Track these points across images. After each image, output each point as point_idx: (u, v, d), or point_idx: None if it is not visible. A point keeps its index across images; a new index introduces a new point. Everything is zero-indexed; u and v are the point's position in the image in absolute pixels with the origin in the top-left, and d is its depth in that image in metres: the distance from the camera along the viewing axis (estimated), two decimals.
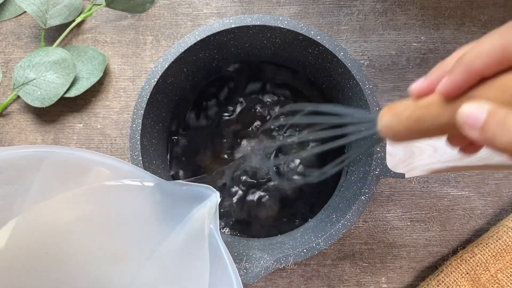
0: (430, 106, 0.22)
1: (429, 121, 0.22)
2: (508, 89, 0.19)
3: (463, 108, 0.20)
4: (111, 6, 0.45)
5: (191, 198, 0.34)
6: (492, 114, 0.18)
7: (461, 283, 0.42)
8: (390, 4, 0.47)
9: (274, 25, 0.38)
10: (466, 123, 0.19)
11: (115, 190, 0.34)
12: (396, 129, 0.24)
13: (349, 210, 0.37)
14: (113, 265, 0.34)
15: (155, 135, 0.42)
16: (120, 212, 0.34)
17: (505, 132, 0.18)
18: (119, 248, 0.34)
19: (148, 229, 0.34)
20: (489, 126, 0.18)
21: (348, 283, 0.45)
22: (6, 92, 0.46)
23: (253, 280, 0.35)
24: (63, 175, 0.33)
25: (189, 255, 0.33)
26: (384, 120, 0.25)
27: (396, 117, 0.24)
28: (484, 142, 0.19)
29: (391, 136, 0.25)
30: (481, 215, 0.45)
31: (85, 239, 0.34)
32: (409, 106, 0.24)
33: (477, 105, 0.19)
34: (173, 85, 0.42)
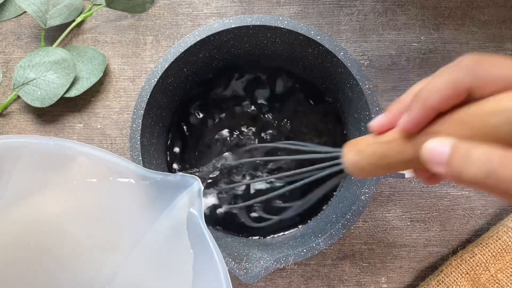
0: (393, 142, 0.23)
1: (393, 157, 0.23)
2: (465, 123, 0.19)
3: (427, 145, 0.20)
4: (111, 6, 0.45)
5: (175, 187, 0.34)
6: (455, 149, 0.19)
7: (461, 283, 0.42)
8: (390, 4, 0.47)
9: (274, 25, 0.38)
10: (432, 160, 0.20)
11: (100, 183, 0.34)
12: (361, 166, 0.25)
13: (349, 210, 0.37)
14: (99, 255, 0.34)
15: (155, 135, 0.42)
16: (105, 202, 0.35)
17: (471, 165, 0.18)
18: (105, 237, 0.34)
19: (133, 218, 0.35)
20: (454, 160, 0.19)
21: (348, 283, 0.45)
22: (6, 92, 0.46)
23: (253, 280, 0.35)
24: (44, 165, 0.33)
25: (173, 243, 0.33)
26: (349, 157, 0.26)
27: (360, 154, 0.25)
28: (451, 176, 0.19)
29: (358, 173, 0.26)
30: (481, 215, 0.45)
31: (70, 229, 0.34)
32: (371, 143, 0.24)
33: (439, 141, 0.20)
34: (173, 85, 0.42)
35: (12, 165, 0.31)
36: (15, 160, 0.31)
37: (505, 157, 0.17)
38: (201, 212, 0.32)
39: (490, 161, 0.17)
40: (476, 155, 0.18)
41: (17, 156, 0.31)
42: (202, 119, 0.45)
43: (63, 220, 0.33)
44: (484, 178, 0.17)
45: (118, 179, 0.33)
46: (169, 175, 0.34)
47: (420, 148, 0.20)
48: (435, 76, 0.20)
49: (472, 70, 0.19)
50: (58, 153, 0.32)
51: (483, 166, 0.17)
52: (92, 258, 0.34)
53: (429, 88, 0.20)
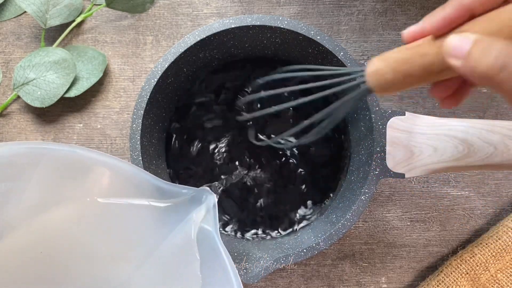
0: (418, 46, 0.22)
1: (416, 61, 0.22)
2: (494, 19, 0.19)
3: (449, 38, 0.20)
4: (111, 6, 0.45)
5: (190, 201, 0.34)
6: (477, 43, 0.19)
7: (461, 283, 0.42)
8: (390, 4, 0.47)
9: (274, 25, 0.38)
10: (451, 52, 0.20)
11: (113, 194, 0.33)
12: (383, 73, 0.24)
13: (349, 210, 0.37)
14: (109, 266, 0.34)
15: (155, 135, 0.42)
16: (120, 214, 0.34)
17: (488, 57, 0.18)
18: (117, 249, 0.34)
19: (147, 231, 0.34)
20: (473, 54, 0.18)
21: (348, 283, 0.45)
22: (6, 92, 0.46)
23: (253, 280, 0.35)
24: (62, 173, 0.32)
25: (186, 257, 0.33)
26: (373, 64, 0.25)
27: (385, 61, 0.24)
28: (467, 71, 0.19)
29: (378, 82, 0.25)
30: (481, 215, 0.45)
31: (83, 239, 0.33)
32: (398, 50, 0.24)
33: (463, 35, 0.19)
34: (173, 85, 0.42)
35: (31, 172, 0.31)
36: (34, 167, 0.31)
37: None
38: (217, 227, 0.32)
39: (508, 54, 0.17)
40: (496, 48, 0.18)
41: (36, 163, 0.31)
42: (202, 119, 0.45)
43: (76, 230, 0.33)
44: (498, 71, 0.17)
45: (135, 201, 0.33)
46: (184, 187, 0.34)
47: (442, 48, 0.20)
48: None
49: None
50: (77, 162, 0.32)
51: (500, 58, 0.17)
52: (102, 269, 0.33)
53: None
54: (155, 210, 0.34)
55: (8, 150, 0.30)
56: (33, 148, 0.31)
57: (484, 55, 0.18)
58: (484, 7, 0.20)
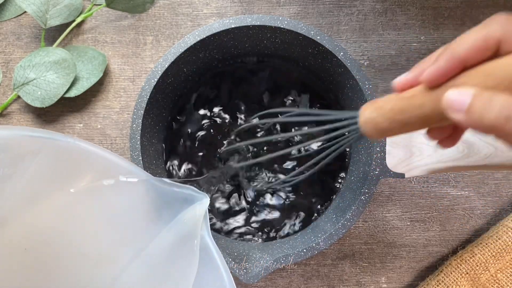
0: (414, 96, 0.23)
1: (413, 112, 0.22)
2: (491, 74, 0.19)
3: (448, 93, 0.20)
4: (111, 6, 0.45)
5: (182, 200, 0.33)
6: (477, 96, 0.19)
7: (461, 283, 0.42)
8: (390, 4, 0.47)
9: (274, 25, 0.38)
10: (452, 107, 0.20)
11: (108, 189, 0.33)
12: (378, 122, 0.24)
13: (349, 210, 0.37)
14: (97, 264, 0.33)
15: (155, 135, 0.42)
16: (110, 211, 0.34)
17: (492, 109, 0.18)
18: (105, 247, 0.34)
19: (136, 229, 0.34)
20: (475, 107, 0.19)
21: (348, 283, 0.45)
22: (6, 92, 0.46)
23: (253, 280, 0.35)
24: (60, 164, 0.32)
25: (176, 257, 0.33)
26: (366, 113, 0.25)
27: (379, 110, 0.24)
28: (470, 123, 0.20)
29: (373, 130, 0.25)
30: (481, 215, 0.45)
31: (71, 236, 0.33)
32: (392, 99, 0.24)
33: (461, 90, 0.20)
34: (173, 85, 0.42)
35: (30, 160, 0.30)
36: (34, 155, 0.30)
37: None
38: (208, 227, 0.32)
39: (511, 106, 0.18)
40: (498, 102, 0.18)
41: (37, 151, 0.30)
42: (202, 119, 0.45)
43: (64, 226, 0.33)
44: (504, 122, 0.18)
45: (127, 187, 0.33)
46: (177, 186, 0.34)
47: (440, 101, 0.21)
48: (468, 32, 0.21)
49: (504, 24, 0.20)
50: (76, 153, 0.31)
51: (504, 111, 0.18)
52: (90, 268, 0.33)
53: (459, 40, 0.21)
54: (146, 206, 0.34)
55: (9, 134, 0.29)
56: (36, 136, 0.30)
57: (487, 108, 0.19)
58: (476, 60, 0.20)
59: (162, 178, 0.34)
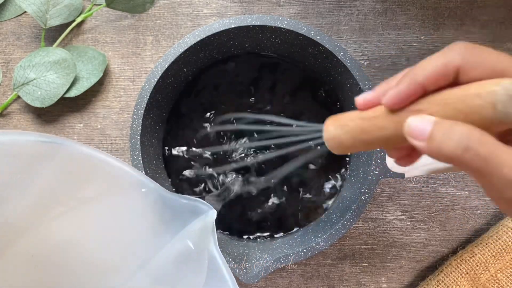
0: (376, 118, 0.23)
1: (374, 133, 0.23)
2: (448, 104, 0.20)
3: (410, 120, 0.21)
4: (111, 6, 0.45)
5: (189, 212, 0.33)
6: (438, 125, 0.20)
7: (461, 283, 0.42)
8: (390, 4, 0.47)
9: (274, 25, 0.38)
10: (413, 135, 0.21)
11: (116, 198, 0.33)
12: (341, 140, 0.25)
13: (349, 210, 0.37)
14: (102, 274, 0.33)
15: (155, 135, 0.42)
16: (117, 221, 0.34)
17: (451, 140, 0.19)
18: (111, 257, 0.33)
19: (142, 239, 0.34)
20: (435, 136, 0.20)
21: (348, 283, 0.45)
22: (6, 92, 0.46)
23: (253, 280, 0.35)
24: (71, 171, 0.32)
25: (182, 269, 0.33)
26: (330, 130, 0.26)
27: (341, 128, 0.25)
28: (430, 151, 0.20)
29: (336, 146, 0.26)
30: (481, 215, 0.45)
31: (76, 245, 0.33)
32: (355, 118, 0.24)
33: (422, 117, 0.21)
34: (173, 85, 0.42)
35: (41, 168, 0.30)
36: (46, 162, 0.30)
37: (483, 136, 0.19)
38: (215, 239, 0.32)
39: (469, 137, 0.19)
40: (457, 132, 0.19)
41: (49, 159, 0.30)
42: (202, 118, 0.45)
43: (73, 234, 0.32)
44: (462, 153, 0.19)
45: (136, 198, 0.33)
46: (184, 198, 0.34)
47: (401, 125, 0.21)
48: (428, 58, 0.22)
49: (463, 52, 0.20)
50: (85, 161, 0.31)
51: (463, 142, 0.19)
52: (96, 276, 0.33)
53: (420, 66, 0.21)
54: (153, 217, 0.34)
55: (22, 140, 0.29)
56: (48, 142, 0.30)
57: (446, 138, 0.19)
58: (436, 85, 0.21)
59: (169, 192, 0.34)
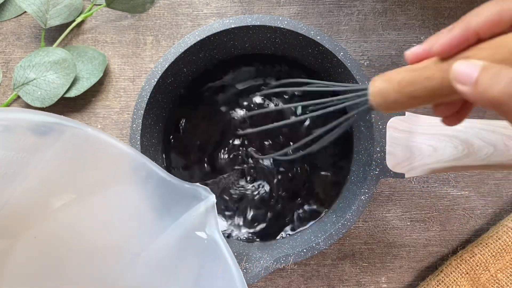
0: (424, 68, 0.22)
1: (421, 84, 0.22)
2: (500, 47, 0.19)
3: (457, 65, 0.20)
4: (111, 6, 0.45)
5: (191, 197, 0.34)
6: (485, 69, 0.19)
7: (461, 283, 0.42)
8: (390, 4, 0.47)
9: (274, 25, 0.38)
10: (459, 79, 0.20)
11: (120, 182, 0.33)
12: (388, 93, 0.24)
13: (349, 210, 0.37)
14: (105, 259, 0.34)
15: (155, 135, 0.42)
16: (120, 205, 0.34)
17: (498, 83, 0.18)
18: (113, 241, 0.34)
19: (145, 223, 0.34)
20: (482, 80, 0.19)
21: (348, 283, 0.45)
22: (6, 92, 0.46)
23: (253, 280, 0.35)
24: (77, 153, 0.32)
25: (184, 252, 0.33)
26: (376, 85, 0.25)
27: (388, 82, 0.24)
28: (475, 97, 0.19)
29: (381, 102, 0.25)
30: (481, 215, 0.45)
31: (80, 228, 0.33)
32: (402, 71, 0.24)
33: (470, 62, 0.20)
34: (173, 85, 0.42)
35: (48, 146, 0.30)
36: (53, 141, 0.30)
37: None
38: (217, 223, 0.33)
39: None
40: (506, 76, 0.18)
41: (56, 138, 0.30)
42: (202, 118, 0.45)
43: (76, 218, 0.33)
44: (508, 98, 0.18)
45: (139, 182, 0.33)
46: (186, 183, 0.34)
47: (449, 73, 0.20)
48: (483, 5, 0.20)
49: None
50: (91, 143, 0.31)
51: (510, 86, 0.18)
52: (98, 263, 0.33)
53: (474, 12, 0.20)
54: (155, 201, 0.34)
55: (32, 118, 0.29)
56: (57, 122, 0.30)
57: (493, 83, 0.18)
58: (491, 32, 0.20)
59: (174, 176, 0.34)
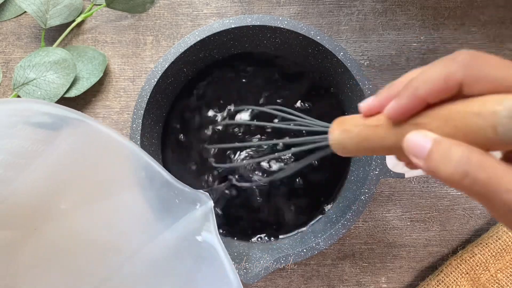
0: (378, 127, 0.23)
1: (376, 142, 0.23)
2: (450, 120, 0.19)
3: (409, 137, 0.20)
4: (111, 6, 0.45)
5: (191, 200, 0.34)
6: (437, 144, 0.19)
7: (461, 283, 0.42)
8: (390, 4, 0.47)
9: (274, 25, 0.38)
10: (412, 152, 0.20)
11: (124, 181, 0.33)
12: (345, 144, 0.26)
13: (349, 210, 0.37)
14: (104, 253, 0.34)
15: (155, 135, 0.42)
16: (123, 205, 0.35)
17: (447, 164, 0.18)
18: (113, 237, 0.34)
19: (144, 223, 0.35)
20: (433, 157, 0.19)
21: (348, 283, 0.45)
22: (6, 92, 0.46)
23: (253, 280, 0.35)
24: (87, 148, 0.32)
25: (182, 253, 0.33)
26: (335, 135, 0.26)
27: (346, 134, 0.26)
28: (428, 171, 0.20)
29: (341, 150, 0.26)
30: (481, 215, 0.45)
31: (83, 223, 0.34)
32: (359, 124, 0.25)
33: (422, 134, 0.20)
34: (173, 85, 0.42)
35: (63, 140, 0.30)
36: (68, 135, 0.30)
37: (483, 160, 0.17)
38: (215, 227, 0.33)
39: (468, 162, 0.18)
40: (456, 154, 0.18)
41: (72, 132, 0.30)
42: (202, 119, 0.45)
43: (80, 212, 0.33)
44: (460, 178, 0.18)
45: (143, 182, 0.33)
46: (187, 187, 0.34)
47: (402, 137, 0.21)
48: (429, 67, 0.20)
49: (466, 65, 0.19)
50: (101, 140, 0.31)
51: (461, 166, 0.18)
52: (97, 257, 0.34)
53: (421, 78, 0.20)
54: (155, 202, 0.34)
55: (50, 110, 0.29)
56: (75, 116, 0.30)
57: (445, 161, 0.18)
58: (438, 98, 0.20)
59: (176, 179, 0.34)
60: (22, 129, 0.29)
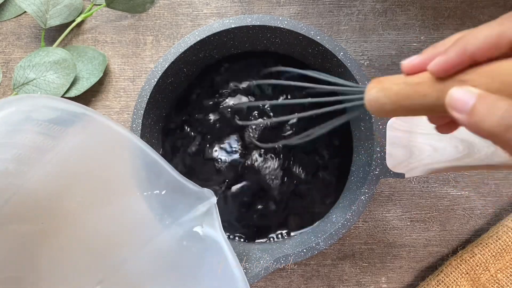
0: (420, 84, 0.22)
1: (417, 100, 0.22)
2: (496, 76, 0.19)
3: (452, 91, 0.20)
4: (111, 6, 0.45)
5: (195, 197, 0.34)
6: (481, 99, 0.19)
7: (461, 283, 0.42)
8: (390, 4, 0.47)
9: (274, 25, 0.38)
10: (455, 106, 0.20)
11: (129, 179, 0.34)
12: (383, 103, 0.24)
13: (349, 210, 0.37)
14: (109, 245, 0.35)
15: (155, 135, 0.42)
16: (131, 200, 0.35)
17: (493, 114, 0.18)
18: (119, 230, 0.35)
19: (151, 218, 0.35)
20: (477, 110, 0.19)
21: (348, 283, 0.45)
22: (6, 92, 0.46)
23: (253, 280, 0.35)
24: (96, 144, 0.33)
25: (185, 249, 0.34)
26: (372, 93, 0.25)
27: (384, 91, 0.24)
28: (470, 126, 0.19)
29: (377, 110, 0.25)
30: (481, 215, 0.45)
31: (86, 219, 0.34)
32: (399, 82, 0.24)
33: (466, 89, 0.19)
34: (173, 85, 0.42)
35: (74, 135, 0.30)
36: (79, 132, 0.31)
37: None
38: (220, 223, 0.33)
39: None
40: (501, 108, 0.18)
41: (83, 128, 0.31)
42: (202, 119, 0.45)
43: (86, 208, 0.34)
44: (504, 131, 0.18)
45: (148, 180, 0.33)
46: (193, 184, 0.35)
47: (445, 94, 0.20)
48: (481, 26, 0.20)
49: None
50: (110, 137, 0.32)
51: (506, 118, 0.18)
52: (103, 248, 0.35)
53: (472, 34, 0.20)
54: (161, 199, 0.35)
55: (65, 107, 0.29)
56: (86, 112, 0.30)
57: (489, 114, 0.18)
58: (488, 56, 0.20)
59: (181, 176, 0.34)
60: (36, 125, 0.29)
